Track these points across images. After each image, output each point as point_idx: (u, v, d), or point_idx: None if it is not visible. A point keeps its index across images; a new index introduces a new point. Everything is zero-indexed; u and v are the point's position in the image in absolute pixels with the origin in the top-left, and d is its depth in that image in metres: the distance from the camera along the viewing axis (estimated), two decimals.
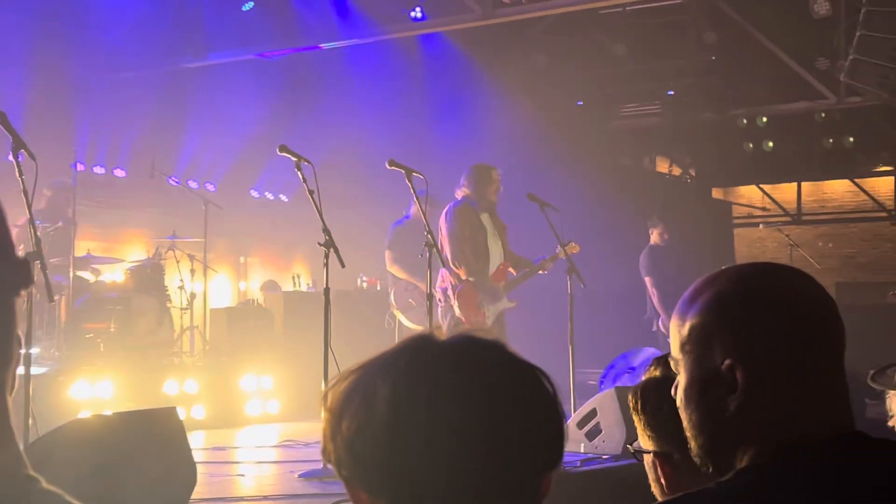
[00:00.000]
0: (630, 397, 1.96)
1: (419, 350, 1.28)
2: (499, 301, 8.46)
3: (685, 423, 1.55)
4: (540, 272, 8.59)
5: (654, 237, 11.09)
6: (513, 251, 8.73)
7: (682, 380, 1.55)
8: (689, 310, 1.55)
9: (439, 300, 8.38)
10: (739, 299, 1.52)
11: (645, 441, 1.94)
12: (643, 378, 2.06)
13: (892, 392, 2.98)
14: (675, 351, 1.56)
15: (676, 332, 1.56)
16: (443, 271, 8.42)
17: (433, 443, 1.21)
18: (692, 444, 1.54)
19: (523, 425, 1.25)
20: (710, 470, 1.53)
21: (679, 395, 1.55)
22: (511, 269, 8.65)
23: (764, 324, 1.49)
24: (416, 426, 1.22)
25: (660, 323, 10.76)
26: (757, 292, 1.52)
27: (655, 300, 10.74)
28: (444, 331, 1.32)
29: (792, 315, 1.49)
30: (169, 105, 11.98)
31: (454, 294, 8.30)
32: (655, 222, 11.11)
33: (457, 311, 8.27)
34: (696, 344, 1.53)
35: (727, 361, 1.49)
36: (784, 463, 1.43)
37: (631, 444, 1.98)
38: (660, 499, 1.93)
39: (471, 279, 8.30)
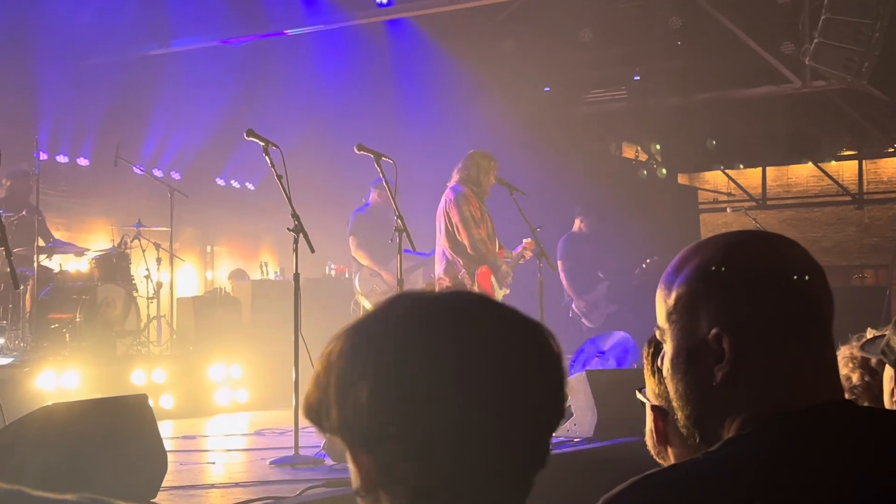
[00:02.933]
0: (646, 344, 1.93)
1: (417, 305, 1.24)
2: (506, 285, 8.43)
3: (672, 394, 1.53)
4: (521, 261, 8.56)
5: (577, 225, 11.22)
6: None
7: (668, 350, 1.53)
8: (675, 279, 1.53)
9: (447, 287, 8.31)
10: (726, 267, 1.49)
11: (650, 390, 1.93)
12: None
13: None
14: (662, 320, 1.54)
15: (662, 301, 1.54)
16: (446, 255, 8.30)
17: (444, 400, 1.16)
18: (679, 415, 1.52)
19: (533, 378, 1.22)
20: (698, 440, 1.51)
21: (665, 366, 1.53)
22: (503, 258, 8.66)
23: (751, 292, 1.46)
24: (426, 383, 1.17)
25: (573, 307, 10.91)
26: (744, 260, 1.50)
27: (565, 284, 10.89)
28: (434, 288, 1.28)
29: (779, 283, 1.47)
30: (133, 93, 11.88)
31: (473, 276, 8.22)
32: (582, 212, 11.23)
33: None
34: (683, 313, 1.50)
35: (714, 330, 1.46)
36: (771, 432, 1.41)
37: (639, 390, 1.97)
38: (651, 449, 1.93)
39: (486, 264, 8.27)
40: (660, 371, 1.59)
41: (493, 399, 1.18)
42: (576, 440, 6.48)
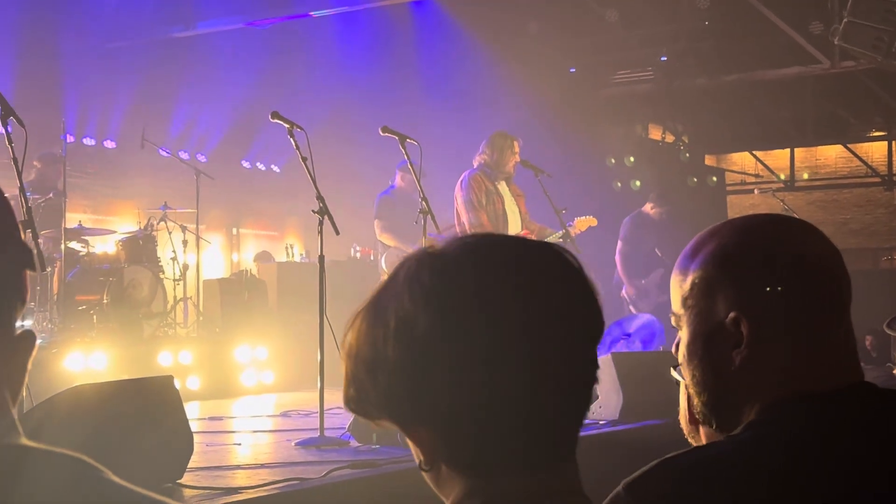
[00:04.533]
0: None
1: (420, 267, 1.20)
2: None
3: (688, 380, 1.51)
4: (566, 241, 8.54)
5: (647, 207, 11.11)
6: (532, 220, 8.72)
7: (684, 335, 1.52)
8: (691, 263, 1.51)
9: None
10: (743, 251, 1.48)
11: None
12: None
13: None
14: (677, 306, 1.53)
15: (678, 286, 1.53)
16: None
17: (473, 361, 1.12)
18: (696, 401, 1.51)
19: (566, 304, 1.17)
20: (714, 426, 1.50)
21: (681, 352, 1.52)
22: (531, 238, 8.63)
23: (769, 276, 1.45)
24: (448, 349, 1.12)
25: (623, 292, 10.80)
26: (761, 243, 1.49)
27: (619, 266, 10.77)
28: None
29: (796, 266, 1.46)
30: (159, 75, 11.92)
31: None
32: (656, 199, 11.11)
33: None
34: (699, 298, 1.49)
35: (732, 314, 1.45)
36: (795, 416, 1.41)
37: (674, 367, 1.97)
38: (683, 428, 1.93)
39: None
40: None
41: (526, 341, 1.13)
42: (601, 422, 6.47)
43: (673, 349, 1.57)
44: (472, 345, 1.12)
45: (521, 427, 1.14)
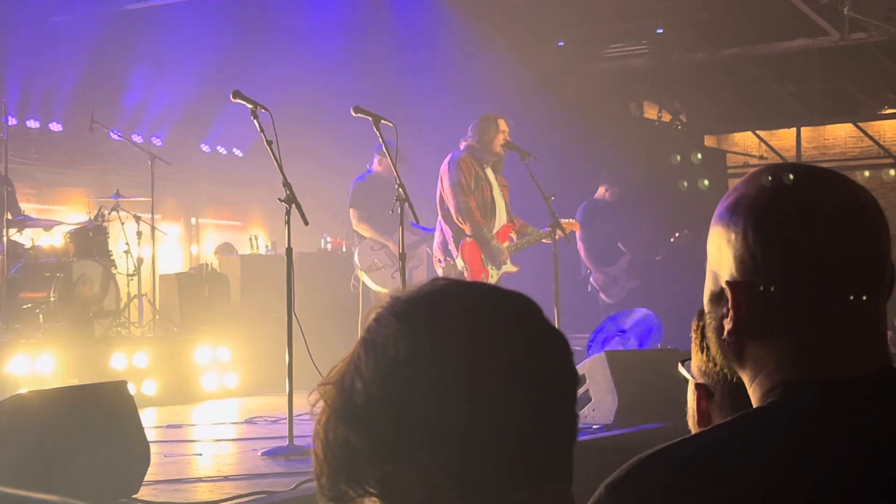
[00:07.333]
0: (695, 316, 1.88)
1: (398, 295, 1.25)
2: (503, 264, 8.43)
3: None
4: (544, 241, 8.54)
5: (600, 192, 11.15)
6: (514, 215, 8.71)
7: (706, 285, 1.50)
8: (716, 214, 1.47)
9: (439, 259, 8.40)
10: (756, 212, 1.41)
11: (695, 367, 1.91)
12: None
13: None
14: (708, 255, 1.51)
15: (709, 233, 1.48)
16: (440, 226, 8.43)
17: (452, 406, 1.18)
18: (712, 349, 1.51)
19: (548, 363, 1.24)
20: (732, 379, 1.51)
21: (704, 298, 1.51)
22: (512, 234, 8.63)
23: (774, 246, 1.39)
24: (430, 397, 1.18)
25: (591, 280, 10.84)
26: (778, 207, 1.40)
27: (582, 253, 10.79)
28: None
29: (815, 238, 1.38)
30: (109, 51, 11.84)
31: (458, 247, 8.26)
32: (607, 179, 11.18)
33: (460, 266, 8.21)
34: (713, 255, 1.46)
35: (724, 285, 1.42)
36: (804, 402, 1.36)
37: (682, 363, 1.94)
38: (692, 430, 1.91)
39: (472, 235, 8.29)
40: (708, 348, 1.55)
41: (505, 351, 1.21)
42: (595, 426, 6.48)
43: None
44: (453, 360, 1.19)
45: (511, 441, 1.19)
